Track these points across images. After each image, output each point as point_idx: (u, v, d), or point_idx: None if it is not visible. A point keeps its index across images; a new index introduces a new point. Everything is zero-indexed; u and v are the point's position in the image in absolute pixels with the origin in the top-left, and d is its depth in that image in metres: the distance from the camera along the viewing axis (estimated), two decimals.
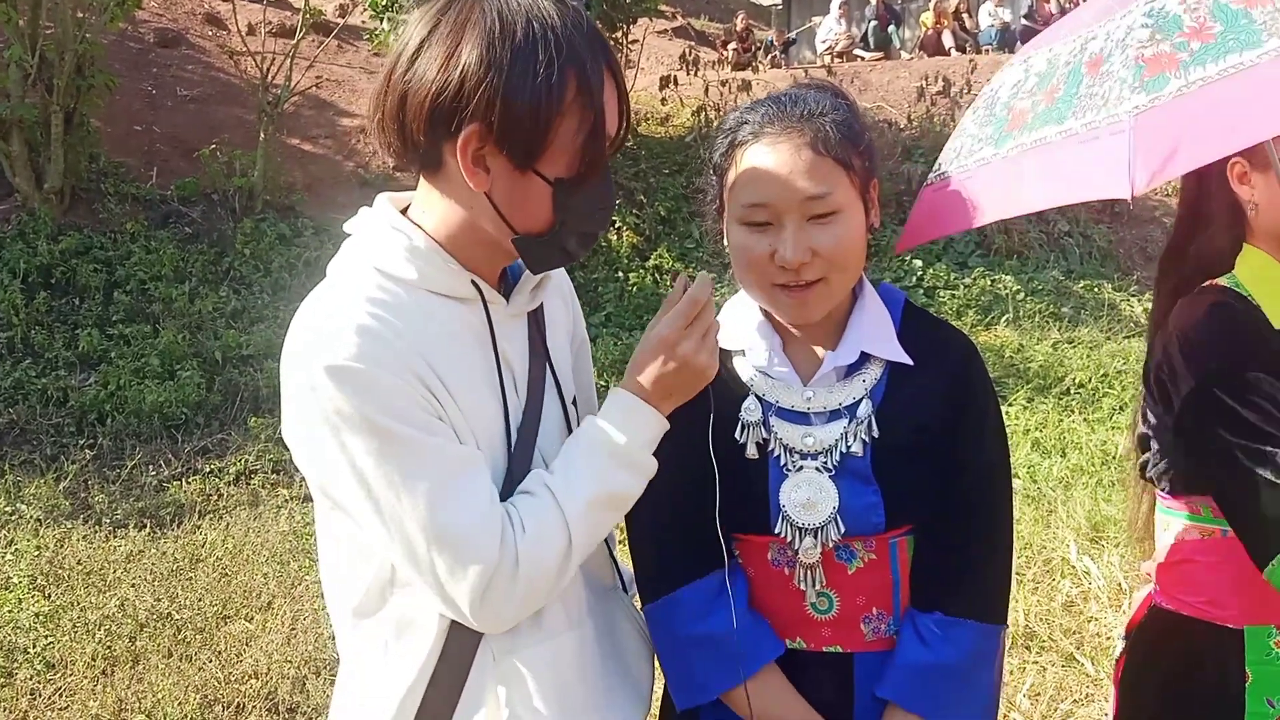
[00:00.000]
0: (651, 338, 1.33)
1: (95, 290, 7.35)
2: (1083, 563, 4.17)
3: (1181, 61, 1.35)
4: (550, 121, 1.19)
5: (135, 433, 6.09)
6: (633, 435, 1.30)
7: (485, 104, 1.18)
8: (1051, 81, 1.54)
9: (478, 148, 1.21)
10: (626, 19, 10.44)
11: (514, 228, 1.27)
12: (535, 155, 1.21)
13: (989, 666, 1.52)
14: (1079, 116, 1.45)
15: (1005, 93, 1.66)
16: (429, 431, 1.21)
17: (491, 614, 1.23)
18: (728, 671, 1.50)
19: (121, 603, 4.18)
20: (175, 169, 8.82)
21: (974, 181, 1.63)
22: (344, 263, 1.32)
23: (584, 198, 1.27)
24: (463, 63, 1.19)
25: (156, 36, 10.59)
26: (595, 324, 8.05)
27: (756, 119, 1.47)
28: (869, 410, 1.49)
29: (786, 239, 1.41)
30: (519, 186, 1.24)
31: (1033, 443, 5.68)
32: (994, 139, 1.61)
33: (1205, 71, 1.33)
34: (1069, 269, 9.39)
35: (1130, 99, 1.37)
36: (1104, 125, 1.39)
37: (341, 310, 1.22)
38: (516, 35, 1.19)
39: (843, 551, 1.50)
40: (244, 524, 5.03)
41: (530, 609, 1.28)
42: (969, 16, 15.31)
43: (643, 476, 1.32)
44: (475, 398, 1.29)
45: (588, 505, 1.27)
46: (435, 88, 1.20)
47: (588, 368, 1.64)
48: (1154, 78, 1.37)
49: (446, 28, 1.22)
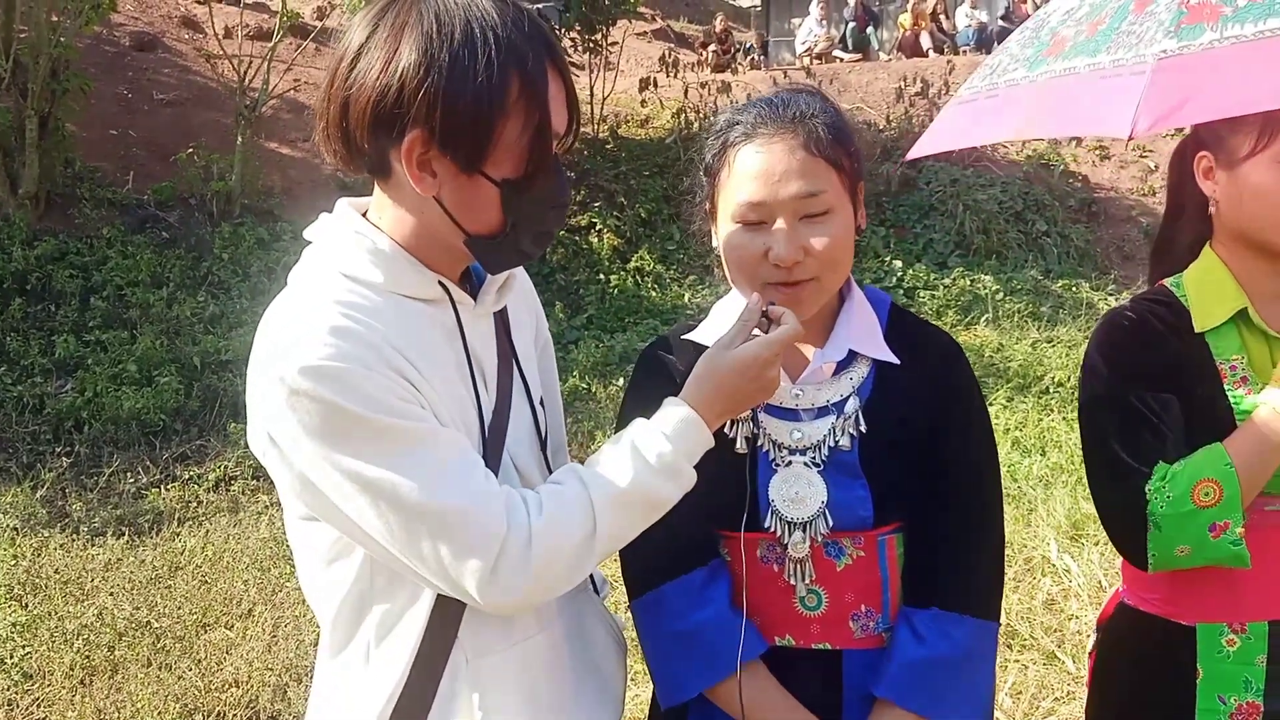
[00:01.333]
0: (743, 357, 1.33)
1: (72, 296, 7.28)
2: (1063, 561, 4.19)
3: (1223, 15, 1.34)
4: (493, 122, 1.18)
5: (113, 440, 6.04)
6: (680, 445, 1.29)
7: (426, 108, 1.17)
8: (1101, 13, 1.53)
9: (422, 152, 1.20)
10: (605, 21, 10.44)
11: (465, 230, 1.26)
12: (481, 157, 1.20)
13: (986, 663, 1.54)
14: (1111, 52, 1.44)
15: (1056, 18, 1.65)
16: (417, 419, 1.20)
17: (501, 592, 1.20)
18: (712, 668, 1.50)
19: (100, 612, 4.13)
20: (152, 173, 8.75)
21: (996, 100, 1.65)
22: (307, 269, 1.30)
23: (534, 197, 1.25)
24: (401, 66, 1.17)
25: (132, 40, 10.50)
26: (576, 326, 8.04)
27: (749, 120, 1.49)
28: (856, 406, 1.51)
29: (780, 238, 1.43)
30: (466, 189, 1.23)
31: (1013, 441, 5.71)
32: (1029, 61, 1.61)
33: (1242, 29, 1.32)
34: (1047, 268, 9.45)
35: (1161, 42, 1.37)
36: (1129, 64, 1.39)
37: (311, 313, 1.20)
38: (455, 36, 1.17)
39: (831, 548, 1.51)
40: (224, 530, 4.99)
41: (546, 591, 1.25)
42: (946, 18, 15.40)
43: (681, 487, 1.31)
44: (450, 393, 1.28)
45: (620, 500, 1.26)
46: (375, 93, 1.19)
47: (551, 368, 1.64)
48: (1191, 26, 1.35)
49: (384, 31, 1.20)
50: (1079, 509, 4.67)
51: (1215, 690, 1.59)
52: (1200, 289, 1.64)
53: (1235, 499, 1.48)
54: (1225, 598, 1.59)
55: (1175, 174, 1.74)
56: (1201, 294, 1.63)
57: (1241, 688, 1.58)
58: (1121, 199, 10.70)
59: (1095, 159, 11.27)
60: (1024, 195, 10.21)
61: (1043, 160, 10.99)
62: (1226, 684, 1.59)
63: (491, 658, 1.33)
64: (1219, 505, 1.48)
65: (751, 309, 1.39)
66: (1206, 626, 1.61)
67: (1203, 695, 1.60)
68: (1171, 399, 1.58)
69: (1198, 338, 1.60)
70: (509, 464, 1.35)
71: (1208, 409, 1.57)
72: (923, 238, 9.68)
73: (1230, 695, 1.58)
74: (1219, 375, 1.58)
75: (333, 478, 1.18)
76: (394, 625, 1.30)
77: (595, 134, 10.53)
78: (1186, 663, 1.61)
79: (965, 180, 10.23)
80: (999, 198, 10.04)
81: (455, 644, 1.31)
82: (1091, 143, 11.42)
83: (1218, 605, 1.60)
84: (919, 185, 10.24)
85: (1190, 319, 1.62)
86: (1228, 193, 1.59)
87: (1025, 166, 10.86)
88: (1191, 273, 1.67)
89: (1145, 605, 1.70)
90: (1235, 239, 1.62)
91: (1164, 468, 1.54)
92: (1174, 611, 1.65)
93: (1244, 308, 1.59)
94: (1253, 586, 1.57)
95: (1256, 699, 1.57)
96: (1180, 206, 1.73)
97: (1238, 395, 1.57)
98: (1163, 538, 1.52)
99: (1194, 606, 1.62)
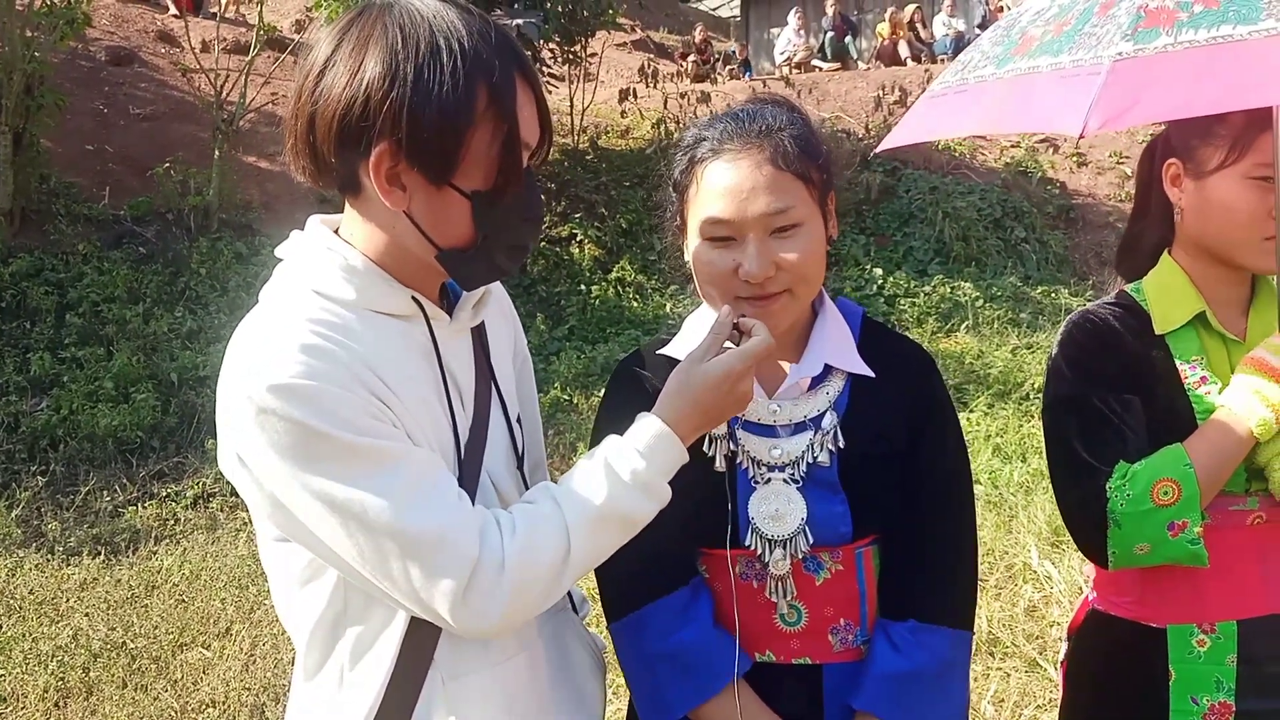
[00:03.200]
0: (715, 371, 1.32)
1: (47, 313, 7.21)
2: (1044, 567, 4.20)
3: (1179, 20, 1.37)
4: (461, 134, 1.17)
5: (89, 458, 5.98)
6: (655, 461, 1.28)
7: (392, 121, 1.15)
8: (1069, 14, 1.56)
9: (390, 166, 1.19)
10: (585, 32, 10.45)
11: (437, 245, 1.24)
12: (450, 170, 1.19)
13: (962, 673, 1.54)
14: (1072, 53, 1.47)
15: (1027, 18, 1.69)
16: (389, 439, 1.18)
17: (474, 615, 1.19)
18: (698, 688, 1.49)
19: (75, 633, 4.08)
20: (128, 188, 8.68)
21: (964, 96, 1.68)
22: (279, 287, 1.28)
23: (505, 210, 1.24)
24: (365, 79, 1.16)
25: (108, 54, 10.44)
26: (558, 338, 8.02)
27: (715, 135, 1.48)
28: (834, 421, 1.50)
29: (750, 253, 1.43)
30: (437, 202, 1.21)
31: (994, 448, 5.72)
32: (998, 59, 1.64)
33: (1195, 35, 1.35)
34: (1026, 275, 9.50)
35: (1118, 45, 1.40)
36: (1088, 65, 1.42)
37: (282, 331, 1.18)
38: (420, 48, 1.16)
39: (810, 563, 1.51)
40: (201, 548, 4.94)
41: (520, 613, 1.23)
42: (924, 27, 15.51)
43: (657, 503, 1.29)
44: (425, 411, 1.26)
45: (594, 519, 1.24)
46: (341, 107, 1.17)
47: (530, 385, 1.63)
48: (1147, 30, 1.39)
49: (349, 45, 1.19)
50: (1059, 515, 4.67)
51: (1188, 691, 1.61)
52: (1159, 293, 1.67)
53: (1193, 499, 1.50)
54: (1193, 598, 1.61)
55: (1144, 173, 1.77)
56: (1161, 298, 1.66)
57: (1213, 688, 1.59)
58: (1099, 205, 10.78)
59: (1072, 165, 11.36)
60: (1003, 202, 10.27)
61: (1021, 167, 11.06)
62: (1198, 685, 1.60)
63: (469, 679, 1.31)
64: (1177, 505, 1.51)
65: (722, 322, 1.38)
66: (1177, 628, 1.62)
67: (1175, 697, 1.61)
68: (1133, 400, 1.61)
69: (1158, 340, 1.63)
70: (487, 483, 1.34)
71: (1169, 409, 1.60)
72: (903, 245, 9.71)
73: (1203, 696, 1.60)
74: (1179, 376, 1.61)
75: (302, 498, 1.16)
76: (368, 648, 1.28)
77: (575, 145, 10.54)
78: (1158, 665, 1.63)
79: (944, 188, 10.28)
80: (978, 205, 10.09)
81: (432, 666, 1.29)
82: (1069, 149, 11.51)
83: (1186, 606, 1.62)
84: (899, 193, 10.29)
85: (1150, 322, 1.65)
86: (1193, 203, 1.62)
87: (1004, 174, 10.93)
88: (1151, 278, 1.70)
89: (1115, 609, 1.71)
90: (1196, 247, 1.65)
91: (1125, 467, 1.56)
92: (1144, 614, 1.66)
93: (1202, 311, 1.63)
94: (1220, 586, 1.59)
95: (1228, 699, 1.59)
96: (1147, 206, 1.75)
97: (1198, 395, 1.59)
98: (1122, 535, 1.55)
99: (1163, 608, 1.64)
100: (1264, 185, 1.53)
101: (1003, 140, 11.58)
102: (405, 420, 1.22)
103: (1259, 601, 1.59)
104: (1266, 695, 1.59)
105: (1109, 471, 1.57)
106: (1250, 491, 1.59)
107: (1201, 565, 1.53)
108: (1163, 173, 1.67)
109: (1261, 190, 1.54)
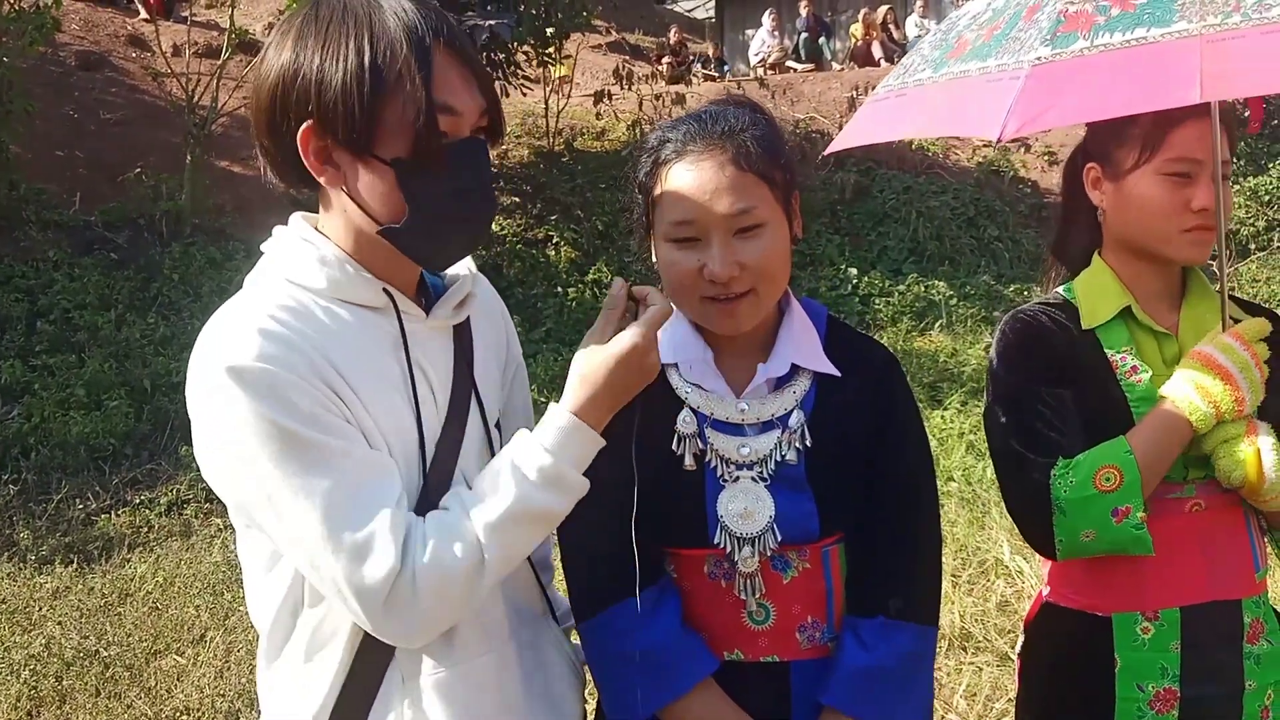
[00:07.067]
0: (620, 350, 1.29)
1: (17, 320, 7.14)
2: (1015, 562, 4.24)
3: (1096, 24, 1.41)
4: (369, 102, 1.19)
5: (61, 465, 5.92)
6: (563, 454, 1.26)
7: (305, 98, 1.20)
8: (999, 18, 1.60)
9: (318, 144, 1.23)
10: (560, 34, 10.45)
11: (376, 220, 1.26)
12: (367, 139, 1.21)
13: (927, 668, 1.56)
14: (998, 57, 1.52)
15: (964, 22, 1.73)
16: (334, 434, 1.19)
17: (396, 627, 1.21)
18: (665, 688, 1.50)
19: (48, 641, 4.05)
20: (99, 194, 8.61)
21: (904, 99, 1.72)
22: (256, 275, 1.32)
23: (433, 178, 1.23)
24: (281, 65, 1.22)
25: (78, 60, 10.35)
26: (535, 340, 8.02)
27: (678, 137, 1.49)
28: (801, 420, 1.51)
29: (714, 254, 1.44)
30: (365, 175, 1.24)
31: (967, 445, 5.76)
32: (934, 63, 1.68)
33: (1111, 38, 1.39)
34: (999, 273, 9.59)
35: (1037, 49, 1.44)
36: (1010, 69, 1.47)
37: (245, 315, 1.21)
38: (327, 25, 1.21)
39: (778, 561, 1.51)
40: (175, 555, 4.91)
41: (440, 621, 1.24)
42: (897, 28, 15.59)
43: (571, 495, 1.28)
44: (386, 406, 1.27)
45: (504, 522, 1.23)
46: (266, 98, 1.24)
47: (523, 393, 1.61)
48: (1065, 34, 1.43)
49: (276, 39, 1.25)
50: None
51: (1133, 679, 1.64)
52: (1087, 291, 1.73)
53: (1135, 484, 1.54)
54: (1136, 586, 1.64)
55: (1068, 182, 1.83)
56: (1089, 295, 1.72)
57: (1159, 674, 1.63)
58: None
59: (1044, 164, 11.46)
60: (975, 201, 10.36)
61: (993, 167, 11.15)
62: (1143, 672, 1.63)
63: (431, 677, 1.31)
64: (1120, 490, 1.54)
65: (615, 296, 1.37)
66: (1122, 616, 1.66)
67: (1122, 684, 1.64)
68: (1065, 394, 1.65)
69: (1088, 334, 1.69)
70: (462, 484, 1.33)
71: (1103, 397, 1.65)
72: (877, 245, 9.77)
73: (1148, 683, 1.63)
74: (1111, 366, 1.66)
75: (247, 483, 1.18)
76: (326, 640, 1.29)
77: (551, 147, 10.54)
78: (1105, 653, 1.66)
79: (918, 188, 10.36)
80: (951, 204, 10.17)
81: (391, 663, 1.30)
82: (1040, 148, 11.61)
83: (1130, 595, 1.65)
84: (873, 193, 10.35)
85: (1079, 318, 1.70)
86: (1114, 202, 1.69)
87: (977, 173, 11.02)
88: (1081, 278, 1.76)
89: (1065, 600, 1.75)
90: (1122, 245, 1.71)
91: (1065, 460, 1.60)
92: (1091, 604, 1.69)
93: (1128, 305, 1.68)
94: (1161, 573, 1.63)
95: (1173, 685, 1.62)
96: (1073, 212, 1.82)
97: (1130, 383, 1.64)
98: (1067, 522, 1.58)
99: (1109, 597, 1.67)
100: (1177, 180, 1.60)
101: (975, 140, 11.67)
102: (360, 414, 1.23)
103: (1201, 588, 1.63)
104: (1210, 681, 1.62)
105: (1049, 463, 1.60)
106: (1188, 480, 1.63)
107: (1147, 553, 1.56)
108: (1084, 177, 1.74)
109: (1175, 185, 1.61)
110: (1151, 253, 1.67)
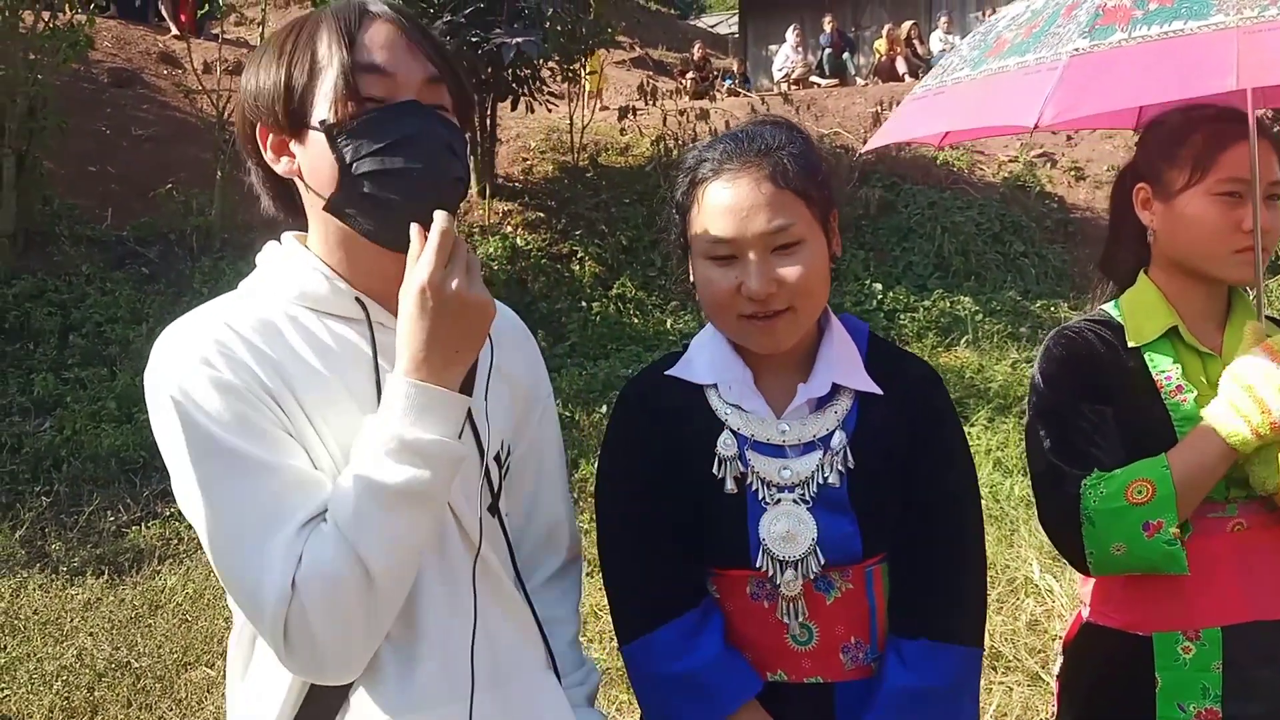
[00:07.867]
0: (410, 294, 1.13)
1: (50, 334, 7.22)
2: (1045, 581, 4.20)
3: (1134, 17, 1.43)
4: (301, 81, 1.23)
5: (92, 478, 5.97)
6: (407, 418, 1.13)
7: (255, 99, 1.27)
8: (1039, 17, 1.63)
9: (275, 139, 1.28)
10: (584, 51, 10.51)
11: (319, 194, 1.25)
12: (301, 111, 1.23)
13: (973, 689, 1.55)
14: (1036, 51, 1.54)
15: (1003, 23, 1.75)
16: (260, 445, 1.15)
17: (302, 658, 1.14)
18: (706, 711, 1.49)
19: (79, 652, 4.08)
20: (131, 210, 8.71)
21: (942, 97, 1.74)
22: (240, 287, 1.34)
23: (359, 135, 1.20)
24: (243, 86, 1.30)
25: (110, 76, 10.50)
26: (559, 354, 8.03)
27: (715, 156, 1.50)
28: (843, 441, 1.50)
29: (751, 271, 1.44)
30: (307, 151, 1.25)
31: (994, 462, 5.72)
32: (973, 62, 1.71)
33: (1149, 30, 1.41)
34: (1026, 289, 9.52)
35: (1075, 41, 1.47)
36: (1048, 61, 1.49)
37: (203, 317, 1.23)
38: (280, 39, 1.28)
39: (821, 582, 1.51)
40: (205, 567, 4.93)
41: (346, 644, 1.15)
42: (920, 43, 15.59)
43: (433, 461, 1.13)
44: (346, 420, 1.21)
45: (366, 509, 1.12)
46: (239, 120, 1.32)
47: (548, 433, 1.53)
48: (1104, 27, 1.45)
49: None
50: None
51: (1174, 699, 1.62)
52: (1134, 309, 1.73)
53: (1169, 499, 1.53)
54: (1178, 606, 1.63)
55: (1116, 202, 1.83)
56: (1135, 313, 1.72)
57: (1200, 694, 1.61)
58: (1097, 219, 10.80)
59: (1071, 180, 11.40)
60: (1001, 217, 10.30)
61: (1019, 182, 11.10)
62: (1185, 692, 1.62)
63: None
64: (1151, 503, 1.54)
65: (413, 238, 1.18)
66: (1163, 635, 1.64)
67: (1162, 704, 1.63)
68: (1107, 410, 1.65)
69: (1134, 352, 1.69)
70: (446, 515, 1.26)
71: (1146, 415, 1.65)
72: (902, 260, 9.74)
73: (1189, 703, 1.61)
74: (1156, 385, 1.66)
75: (180, 486, 1.18)
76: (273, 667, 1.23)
77: (575, 162, 10.58)
78: (1145, 673, 1.64)
79: (943, 202, 10.32)
80: (976, 219, 10.13)
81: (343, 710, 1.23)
82: (1066, 163, 11.55)
83: (1171, 614, 1.64)
84: (898, 208, 10.32)
85: (1125, 336, 1.70)
86: (1164, 223, 1.69)
87: (1002, 188, 10.96)
88: (1127, 295, 1.76)
89: (1105, 620, 1.74)
90: (1171, 265, 1.71)
91: (1099, 473, 1.60)
92: (1131, 623, 1.68)
93: (1174, 325, 1.68)
94: (1203, 593, 1.61)
95: (1215, 705, 1.61)
96: (1120, 231, 1.82)
97: (1174, 402, 1.64)
98: (1096, 533, 1.58)
99: (1149, 616, 1.66)
100: (1228, 200, 1.61)
101: (1001, 154, 11.63)
102: (302, 429, 1.20)
103: (1242, 608, 1.62)
104: (1252, 700, 1.61)
105: (1082, 475, 1.60)
106: (1230, 499, 1.62)
107: (1181, 571, 1.54)
108: (1134, 197, 1.73)
109: (1226, 205, 1.61)
110: (1201, 272, 1.67)
